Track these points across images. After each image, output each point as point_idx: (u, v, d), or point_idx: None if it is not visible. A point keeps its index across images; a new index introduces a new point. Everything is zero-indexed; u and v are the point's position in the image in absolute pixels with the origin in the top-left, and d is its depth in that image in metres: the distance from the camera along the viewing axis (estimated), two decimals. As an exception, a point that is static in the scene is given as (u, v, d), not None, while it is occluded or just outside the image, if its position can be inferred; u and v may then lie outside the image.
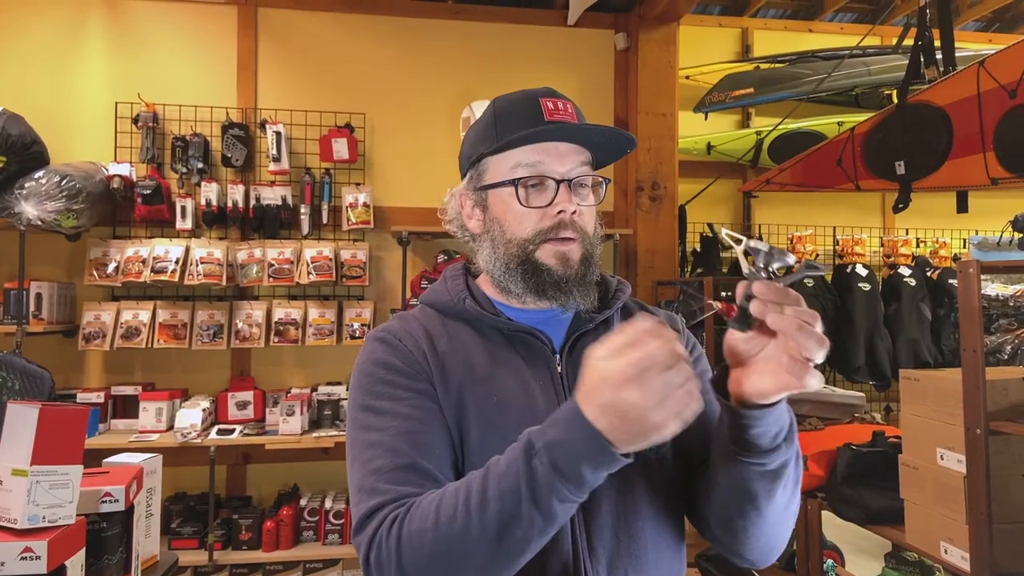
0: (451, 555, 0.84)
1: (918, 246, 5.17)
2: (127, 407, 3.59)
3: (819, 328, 0.79)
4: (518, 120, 1.04)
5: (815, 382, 0.80)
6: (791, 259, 0.80)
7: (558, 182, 1.03)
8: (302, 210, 3.73)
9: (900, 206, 3.43)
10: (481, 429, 0.99)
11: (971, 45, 4.98)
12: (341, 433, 3.51)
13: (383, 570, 0.86)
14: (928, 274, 4.95)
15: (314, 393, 3.72)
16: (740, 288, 0.83)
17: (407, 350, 1.03)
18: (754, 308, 0.80)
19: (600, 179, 1.09)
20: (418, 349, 1.03)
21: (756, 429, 0.86)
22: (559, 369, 1.05)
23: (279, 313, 3.68)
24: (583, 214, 1.06)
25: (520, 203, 1.04)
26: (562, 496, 0.81)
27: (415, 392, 0.99)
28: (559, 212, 1.03)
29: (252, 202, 3.69)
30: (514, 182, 1.04)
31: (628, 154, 1.14)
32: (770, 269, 0.80)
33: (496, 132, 1.06)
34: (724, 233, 0.87)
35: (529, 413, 0.99)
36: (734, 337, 0.85)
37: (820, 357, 0.79)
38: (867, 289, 4.77)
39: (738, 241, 0.82)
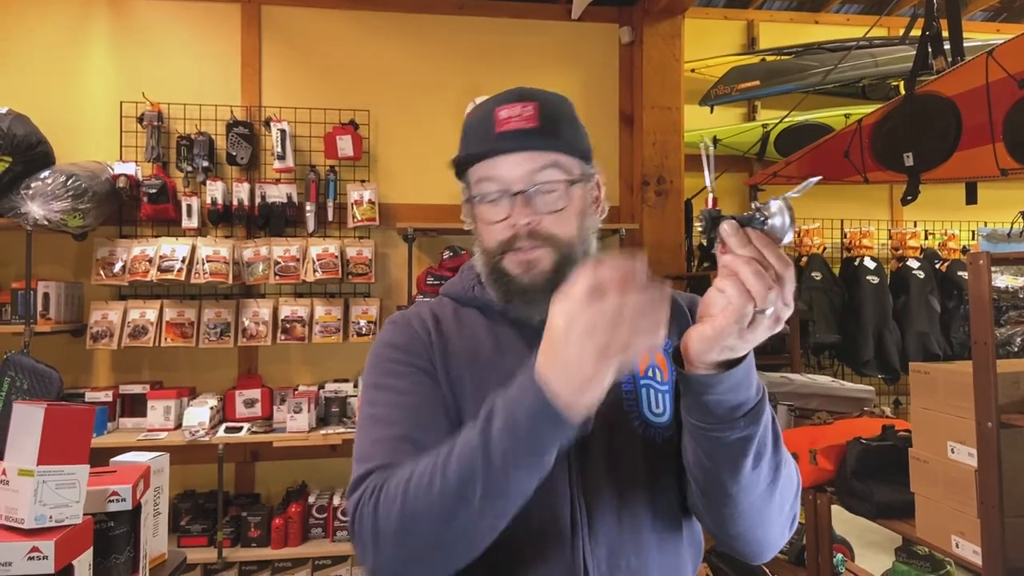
0: (415, 517, 0.83)
1: (927, 238, 5.14)
2: (135, 406, 3.60)
3: (784, 276, 0.75)
4: (475, 134, 1.06)
5: (757, 334, 0.77)
6: (787, 237, 0.77)
7: (512, 195, 1.02)
8: (307, 208, 3.73)
9: (908, 198, 3.40)
10: (478, 410, 1.00)
11: (979, 35, 4.94)
12: (348, 430, 3.51)
13: (363, 534, 0.87)
14: (937, 266, 4.93)
15: (321, 390, 3.73)
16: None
17: (413, 330, 1.08)
18: (724, 228, 0.77)
19: (568, 182, 1.04)
20: (424, 329, 1.08)
21: (708, 396, 0.83)
22: None
23: (285, 311, 3.69)
24: (546, 222, 1.02)
25: (483, 219, 1.06)
26: (518, 458, 0.79)
27: (415, 368, 1.04)
28: (514, 225, 1.03)
29: (257, 200, 3.69)
30: (474, 198, 1.06)
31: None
32: (764, 226, 0.77)
33: (461, 146, 1.08)
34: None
35: None
36: (705, 295, 0.82)
37: (769, 304, 0.75)
38: (875, 282, 4.76)
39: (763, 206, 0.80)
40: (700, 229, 0.80)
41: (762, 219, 0.77)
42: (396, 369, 1.04)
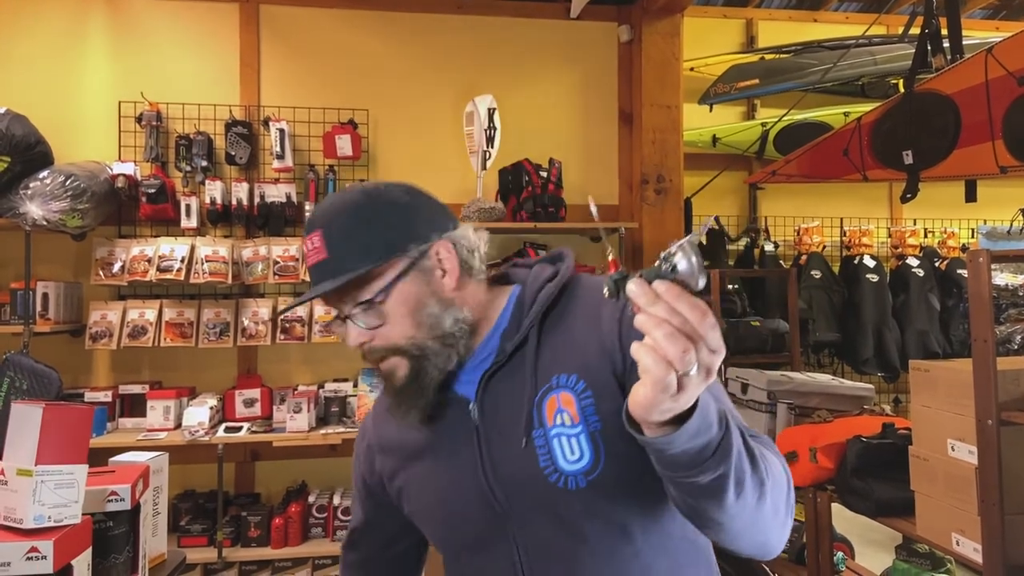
0: None
1: (926, 236, 5.14)
2: (135, 406, 3.59)
3: (701, 328, 0.69)
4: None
5: (690, 392, 0.71)
6: (700, 285, 0.70)
7: (344, 319, 1.06)
8: (306, 207, 3.72)
9: (908, 196, 3.40)
10: (417, 503, 1.15)
11: (978, 33, 4.94)
12: (348, 430, 3.51)
13: None
14: (936, 264, 4.93)
15: (321, 390, 3.72)
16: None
17: (360, 457, 1.27)
18: (631, 288, 0.71)
19: (371, 296, 1.02)
20: (367, 452, 1.25)
21: (671, 451, 0.78)
22: (475, 419, 1.07)
23: (285, 310, 3.68)
24: (377, 335, 1.04)
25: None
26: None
27: (361, 497, 1.30)
28: (359, 345, 1.07)
29: (256, 200, 3.69)
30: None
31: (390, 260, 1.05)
32: (674, 275, 0.71)
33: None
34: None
35: (453, 484, 1.08)
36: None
37: (689, 365, 0.69)
38: (875, 280, 4.76)
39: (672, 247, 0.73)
40: (606, 295, 0.74)
41: (669, 268, 0.70)
42: (355, 489, 1.32)
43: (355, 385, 3.72)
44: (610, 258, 0.80)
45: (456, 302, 1.06)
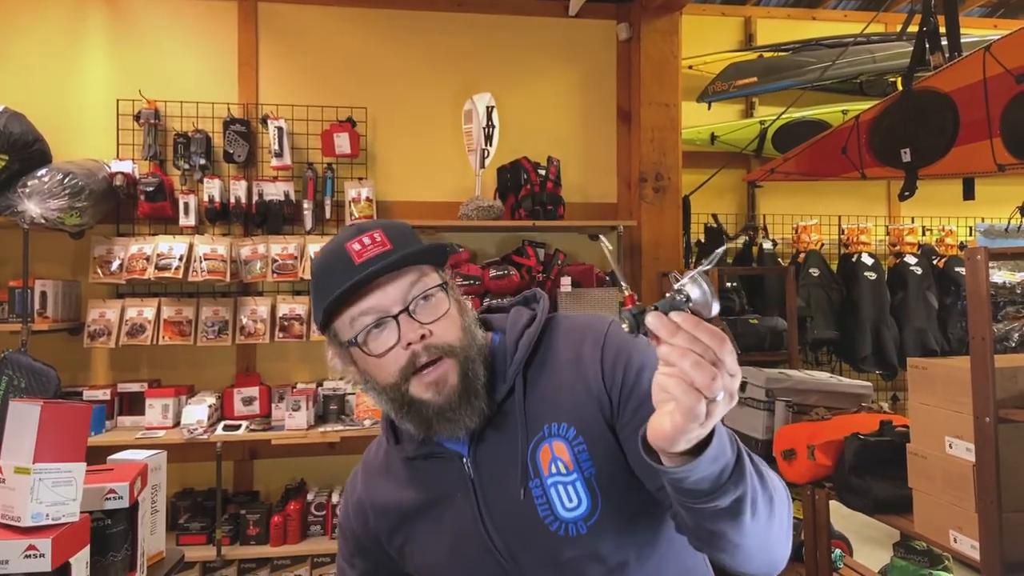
0: None
1: (924, 234, 5.14)
2: (133, 404, 3.59)
3: (722, 353, 0.71)
4: (334, 277, 1.02)
5: (715, 417, 0.73)
6: (714, 312, 0.74)
7: (395, 317, 1.01)
8: (305, 205, 3.72)
9: (906, 193, 3.41)
10: (423, 559, 1.14)
11: (976, 31, 4.94)
12: (347, 428, 3.51)
13: None
14: (934, 262, 4.94)
15: (319, 388, 3.72)
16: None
17: (350, 517, 1.23)
18: (650, 320, 0.73)
19: (439, 284, 1.05)
20: (358, 508, 1.21)
21: (690, 478, 0.79)
22: (469, 473, 1.08)
23: (283, 309, 3.68)
24: (436, 330, 1.02)
25: (372, 354, 1.03)
26: None
27: (354, 558, 1.25)
28: (408, 345, 1.01)
29: (255, 198, 3.69)
30: (355, 339, 1.03)
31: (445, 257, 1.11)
32: (688, 304, 0.74)
33: (322, 294, 1.04)
34: (671, 276, 0.82)
35: (455, 536, 1.09)
36: (655, 383, 0.77)
37: (717, 391, 0.71)
38: (873, 278, 4.76)
39: (677, 280, 0.77)
40: (626, 329, 0.76)
41: (684, 299, 0.74)
42: (342, 560, 1.28)
43: (353, 384, 3.72)
44: (626, 294, 0.80)
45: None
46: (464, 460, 1.08)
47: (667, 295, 0.75)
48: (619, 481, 1.02)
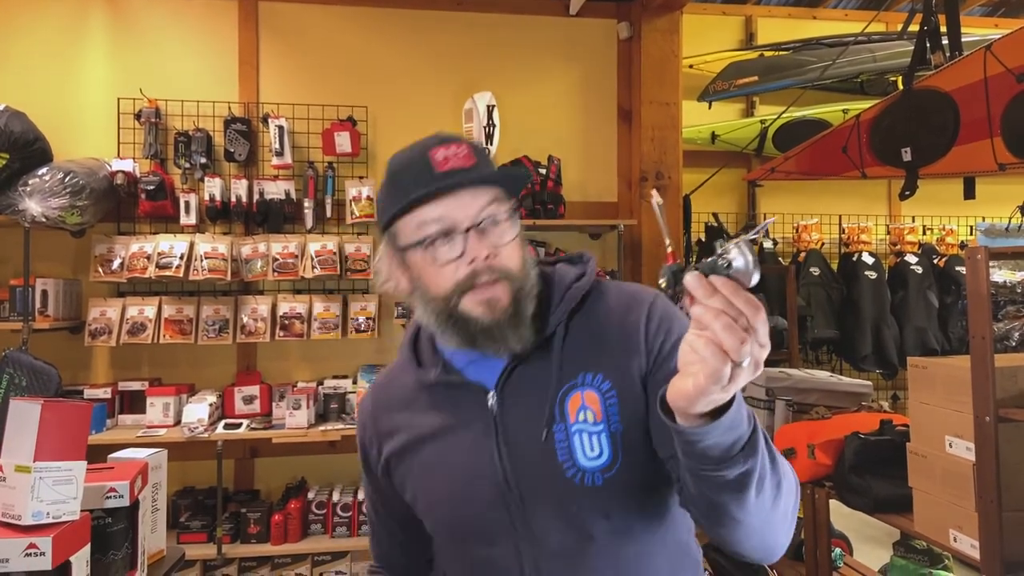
0: None
1: (925, 233, 5.14)
2: (134, 402, 3.59)
3: (755, 322, 0.72)
4: (411, 179, 1.03)
5: (738, 383, 0.74)
6: (754, 282, 0.74)
7: (464, 231, 1.02)
8: (306, 204, 3.72)
9: (907, 193, 3.41)
10: (423, 484, 1.13)
11: (977, 30, 4.94)
12: (348, 427, 3.51)
13: None
14: (935, 262, 4.94)
15: (320, 387, 3.72)
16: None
17: (364, 439, 1.22)
18: (688, 280, 0.74)
19: (511, 210, 1.06)
20: (371, 434, 1.20)
21: (704, 443, 0.81)
22: (493, 408, 1.08)
23: (284, 307, 3.68)
24: (500, 254, 1.03)
25: (433, 261, 1.04)
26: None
27: (370, 474, 1.24)
28: (471, 261, 1.02)
29: (256, 197, 3.69)
30: (422, 242, 1.03)
31: (526, 185, 1.15)
32: (729, 271, 0.74)
33: (394, 194, 1.05)
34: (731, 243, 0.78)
35: (464, 466, 1.08)
36: (680, 345, 0.78)
37: (744, 356, 0.72)
38: (874, 277, 4.76)
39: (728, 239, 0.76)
40: (663, 285, 0.76)
41: (725, 264, 0.74)
42: (364, 472, 1.26)
43: (354, 382, 3.73)
44: (669, 250, 0.82)
45: None
46: (489, 394, 1.08)
47: (709, 259, 0.75)
48: (640, 446, 1.03)
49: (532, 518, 1.04)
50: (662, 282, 0.78)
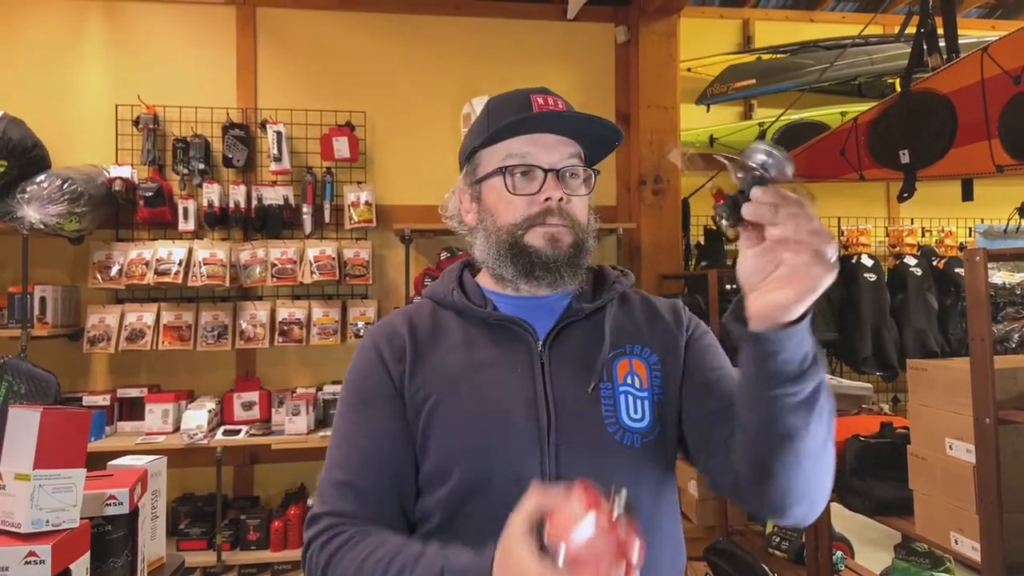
0: None
1: (923, 235, 5.14)
2: (133, 409, 3.59)
3: (816, 222, 0.77)
4: (509, 113, 1.08)
5: (830, 278, 0.78)
6: (790, 171, 0.77)
7: (545, 171, 1.07)
8: (304, 210, 3.72)
9: (905, 195, 3.41)
10: (450, 414, 1.04)
11: (974, 32, 4.95)
12: (347, 432, 3.50)
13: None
14: (934, 263, 4.93)
15: (319, 392, 3.72)
16: (730, 165, 0.80)
17: (375, 358, 1.10)
18: (748, 212, 0.77)
19: (590, 172, 1.13)
20: (392, 350, 1.09)
21: (783, 354, 0.84)
22: (541, 358, 1.08)
23: (283, 313, 3.68)
24: (572, 203, 1.09)
25: (509, 190, 1.08)
26: None
27: (369, 405, 1.08)
28: (546, 199, 1.07)
29: (254, 202, 3.69)
30: (503, 170, 1.08)
31: (618, 147, 1.18)
32: (766, 177, 0.76)
33: (488, 126, 1.10)
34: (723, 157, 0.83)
35: (503, 401, 1.04)
36: (744, 264, 0.83)
37: (832, 252, 0.76)
38: (873, 279, 4.75)
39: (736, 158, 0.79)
40: (724, 222, 0.77)
41: (760, 172, 0.76)
42: (353, 406, 1.10)
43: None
44: (715, 191, 0.84)
45: None
46: (538, 341, 1.09)
47: (740, 175, 0.77)
48: (672, 425, 1.09)
49: (563, 465, 1.01)
50: (723, 220, 0.79)
